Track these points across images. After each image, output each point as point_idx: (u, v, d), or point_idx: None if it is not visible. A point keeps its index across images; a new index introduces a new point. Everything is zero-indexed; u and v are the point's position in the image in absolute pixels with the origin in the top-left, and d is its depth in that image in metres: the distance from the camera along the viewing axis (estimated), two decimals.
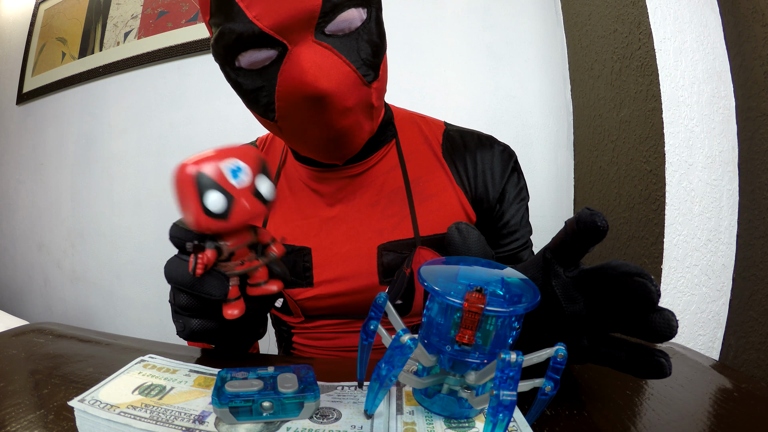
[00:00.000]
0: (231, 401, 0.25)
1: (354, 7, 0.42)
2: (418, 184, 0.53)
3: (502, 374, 0.21)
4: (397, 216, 0.52)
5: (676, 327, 0.26)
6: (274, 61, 0.41)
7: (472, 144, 0.56)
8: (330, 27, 0.41)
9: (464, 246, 0.31)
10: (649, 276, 0.26)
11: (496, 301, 0.23)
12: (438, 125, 0.59)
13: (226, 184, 0.27)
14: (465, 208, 0.54)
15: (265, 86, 0.43)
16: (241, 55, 0.42)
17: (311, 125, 0.44)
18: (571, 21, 1.07)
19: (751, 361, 0.68)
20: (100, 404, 0.26)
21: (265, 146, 0.61)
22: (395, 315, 0.27)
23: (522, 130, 1.15)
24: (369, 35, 0.43)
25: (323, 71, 0.39)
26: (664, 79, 0.73)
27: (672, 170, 0.72)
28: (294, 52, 0.40)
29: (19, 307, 1.78)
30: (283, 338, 0.60)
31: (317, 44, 0.40)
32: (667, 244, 0.73)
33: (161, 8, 1.41)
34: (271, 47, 0.41)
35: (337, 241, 0.53)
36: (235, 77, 0.44)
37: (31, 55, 1.69)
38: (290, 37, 0.40)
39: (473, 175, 0.54)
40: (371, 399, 0.25)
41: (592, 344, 0.29)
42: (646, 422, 0.30)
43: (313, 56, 0.39)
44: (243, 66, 0.43)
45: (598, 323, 0.28)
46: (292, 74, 0.40)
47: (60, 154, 1.63)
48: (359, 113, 0.45)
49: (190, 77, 1.40)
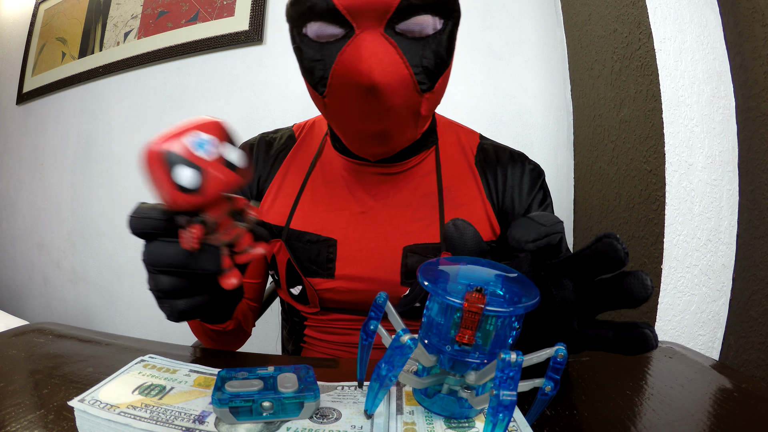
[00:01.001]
0: (231, 401, 0.25)
1: (431, 14, 0.42)
2: (450, 192, 0.55)
3: (502, 374, 0.21)
4: (427, 220, 0.53)
5: (651, 287, 0.26)
6: (339, 39, 0.42)
7: (504, 159, 0.57)
8: (401, 26, 0.42)
9: (461, 241, 0.32)
10: (614, 236, 0.26)
11: (496, 301, 0.23)
12: (474, 136, 0.60)
13: (193, 158, 0.26)
14: (491, 220, 0.55)
15: (324, 60, 0.43)
16: (310, 24, 0.43)
17: (355, 113, 0.45)
18: (571, 21, 1.07)
19: (751, 361, 0.68)
20: (100, 404, 0.26)
21: (302, 133, 0.61)
22: (395, 315, 0.27)
23: (522, 130, 1.15)
24: (437, 46, 0.44)
25: (381, 65, 0.40)
26: (664, 79, 0.73)
27: (672, 170, 0.72)
28: (359, 38, 0.41)
29: (19, 307, 1.78)
30: (294, 330, 0.60)
31: (384, 37, 0.41)
32: (667, 244, 0.73)
33: (161, 8, 1.41)
34: (339, 25, 0.42)
35: (363, 237, 0.53)
36: (299, 42, 0.45)
37: (31, 55, 1.69)
38: (360, 22, 0.41)
39: (502, 189, 0.56)
40: (371, 399, 0.25)
41: (582, 328, 0.29)
42: (646, 422, 0.30)
43: (376, 47, 0.40)
44: (309, 35, 0.44)
45: (587, 305, 0.29)
46: (350, 57, 0.41)
47: (60, 154, 1.63)
48: (404, 117, 0.46)
49: (190, 77, 1.40)
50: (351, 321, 0.56)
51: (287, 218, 0.55)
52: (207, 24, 1.35)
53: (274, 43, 1.31)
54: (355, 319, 0.55)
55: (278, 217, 0.55)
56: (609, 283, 0.28)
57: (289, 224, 0.54)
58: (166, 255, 0.29)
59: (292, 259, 0.53)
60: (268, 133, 0.62)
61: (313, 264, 0.53)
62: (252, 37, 1.30)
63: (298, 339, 0.60)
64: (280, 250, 0.54)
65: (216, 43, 1.33)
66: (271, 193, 0.57)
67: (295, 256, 0.54)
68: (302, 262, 0.54)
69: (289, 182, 0.57)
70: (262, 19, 1.30)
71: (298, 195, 0.56)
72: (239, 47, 1.33)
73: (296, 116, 1.08)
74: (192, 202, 0.27)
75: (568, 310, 0.29)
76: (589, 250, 0.28)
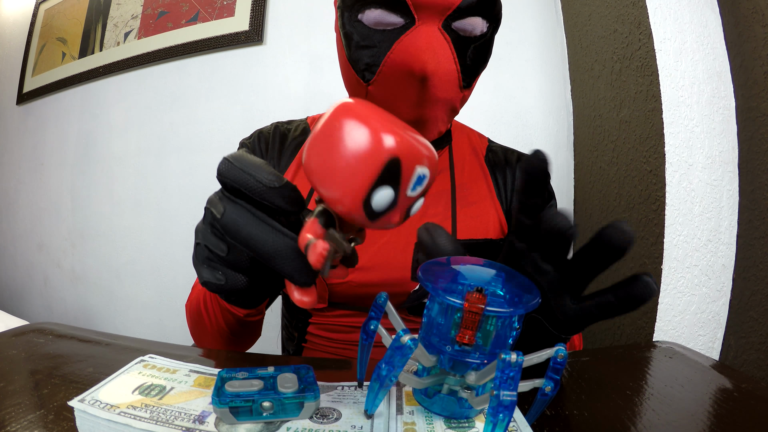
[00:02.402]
0: (231, 401, 0.25)
1: (483, 17, 0.45)
2: (463, 190, 0.56)
3: (503, 374, 0.21)
4: (439, 217, 0.54)
5: (630, 234, 0.25)
6: (398, 29, 0.44)
7: (513, 160, 0.59)
8: (457, 23, 0.44)
9: (433, 245, 0.31)
10: (562, 212, 0.26)
11: (496, 301, 0.23)
12: (483, 139, 0.63)
13: (404, 190, 0.21)
14: (500, 218, 0.56)
15: (377, 48, 0.45)
16: (369, 10, 0.44)
17: (402, 100, 0.46)
18: (571, 21, 1.07)
19: (751, 361, 0.68)
20: (100, 404, 0.26)
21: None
22: (395, 315, 0.27)
23: (522, 130, 1.15)
24: (482, 47, 0.46)
25: (437, 56, 0.42)
26: (664, 79, 0.73)
27: (672, 170, 0.72)
28: (420, 29, 0.43)
29: (19, 307, 1.78)
30: (297, 328, 0.60)
31: (441, 32, 0.43)
32: (667, 245, 0.73)
33: (161, 8, 1.41)
34: (401, 15, 0.43)
35: (376, 232, 0.54)
36: (350, 27, 0.46)
37: (31, 55, 1.69)
38: (422, 15, 0.43)
39: (511, 189, 0.57)
40: (371, 399, 0.25)
41: (578, 304, 0.29)
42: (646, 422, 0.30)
43: (434, 40, 0.42)
44: (364, 21, 0.45)
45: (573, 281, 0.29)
46: (409, 47, 0.43)
47: (60, 154, 1.63)
48: (444, 109, 0.48)
49: (190, 77, 1.40)
50: (356, 317, 0.56)
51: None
52: (207, 24, 1.35)
53: (274, 43, 1.31)
54: (361, 314, 0.56)
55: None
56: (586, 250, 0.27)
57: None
58: (254, 234, 0.24)
59: None
60: (283, 123, 0.62)
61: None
62: (252, 37, 1.30)
63: (300, 338, 0.60)
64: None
65: (216, 43, 1.33)
66: None
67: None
68: None
69: (302, 174, 0.57)
70: (262, 19, 1.30)
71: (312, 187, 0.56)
72: (239, 47, 1.33)
73: (296, 116, 1.08)
74: (359, 222, 0.22)
75: (558, 291, 0.29)
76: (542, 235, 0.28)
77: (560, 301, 0.29)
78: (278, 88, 1.31)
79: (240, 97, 1.35)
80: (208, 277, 0.28)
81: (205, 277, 0.28)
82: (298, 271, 0.24)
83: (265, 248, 0.24)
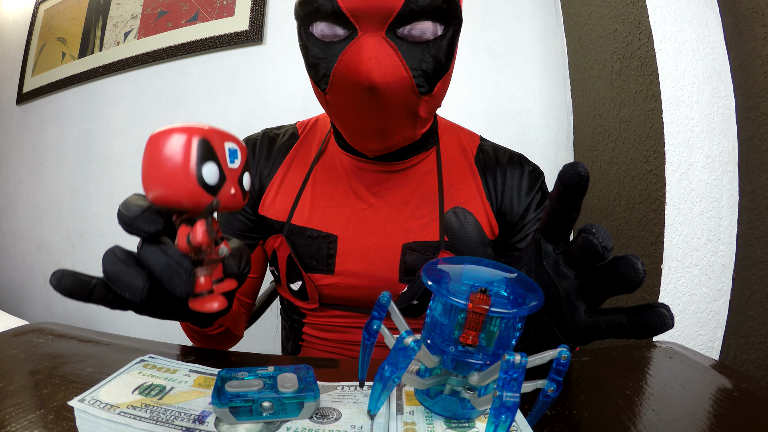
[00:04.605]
0: (231, 401, 0.25)
1: (432, 20, 0.44)
2: (451, 191, 0.55)
3: (506, 375, 0.21)
4: (426, 218, 0.54)
5: (643, 270, 0.26)
6: (342, 40, 0.44)
7: (504, 160, 0.58)
8: (402, 30, 0.43)
9: (462, 230, 0.32)
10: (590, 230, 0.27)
11: (500, 302, 0.23)
12: (474, 138, 0.62)
13: (224, 163, 0.25)
14: (490, 219, 0.56)
15: (327, 59, 0.45)
16: (316, 23, 0.44)
17: (354, 110, 0.46)
18: (571, 21, 1.07)
19: (751, 361, 0.68)
20: (100, 404, 0.26)
21: (305, 131, 0.62)
22: (399, 315, 0.26)
23: (522, 130, 1.15)
24: (437, 51, 0.45)
25: (380, 67, 0.42)
26: (664, 79, 0.73)
27: (672, 170, 0.72)
28: (361, 40, 0.42)
29: (19, 307, 1.78)
30: (293, 328, 0.61)
31: (385, 41, 0.43)
32: (667, 244, 0.73)
33: (161, 8, 1.41)
34: (343, 27, 0.43)
35: (363, 233, 0.54)
36: (305, 40, 0.47)
37: (31, 55, 1.69)
38: (363, 25, 0.42)
39: (501, 189, 0.57)
40: (374, 399, 0.25)
41: (591, 316, 0.29)
42: (646, 422, 0.30)
43: (376, 50, 0.42)
44: (314, 34, 0.45)
45: (591, 293, 0.29)
46: (351, 58, 0.42)
47: (60, 154, 1.63)
48: (401, 117, 0.47)
49: (190, 77, 1.40)
50: (349, 318, 0.56)
51: (288, 214, 0.55)
52: (207, 24, 1.34)
53: (274, 43, 1.31)
54: (353, 315, 0.56)
55: (280, 213, 0.56)
56: (604, 270, 0.28)
57: (290, 220, 0.55)
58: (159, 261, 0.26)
59: (293, 254, 0.54)
60: (272, 129, 0.62)
61: (314, 259, 0.54)
62: (252, 37, 1.30)
63: (296, 337, 0.60)
64: (281, 245, 0.55)
65: (216, 43, 1.33)
66: (272, 188, 0.57)
67: (296, 251, 0.54)
68: (303, 258, 0.54)
69: (290, 178, 0.57)
70: (262, 19, 1.30)
71: (300, 191, 0.56)
72: (239, 47, 1.33)
73: (296, 116, 1.08)
74: (205, 201, 0.24)
75: (573, 299, 0.29)
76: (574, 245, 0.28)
77: (574, 309, 0.29)
78: (278, 87, 1.31)
79: (240, 96, 1.35)
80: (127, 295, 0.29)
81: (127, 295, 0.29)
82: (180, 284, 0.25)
83: (158, 268, 0.26)
